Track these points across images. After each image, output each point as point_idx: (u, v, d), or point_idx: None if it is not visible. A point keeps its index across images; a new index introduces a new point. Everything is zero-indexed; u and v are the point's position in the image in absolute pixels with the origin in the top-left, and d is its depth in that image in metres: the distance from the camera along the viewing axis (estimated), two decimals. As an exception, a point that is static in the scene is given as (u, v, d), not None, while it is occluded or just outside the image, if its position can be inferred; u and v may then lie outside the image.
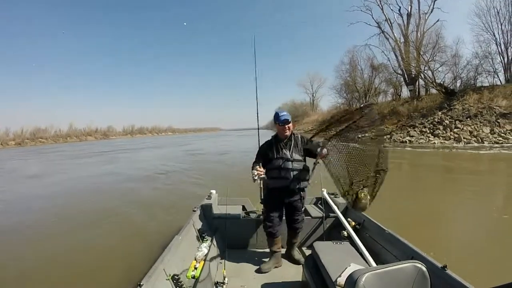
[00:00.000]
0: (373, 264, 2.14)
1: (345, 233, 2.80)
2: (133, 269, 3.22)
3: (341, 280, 1.73)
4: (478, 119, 19.20)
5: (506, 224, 4.88)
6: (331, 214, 3.24)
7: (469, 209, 5.93)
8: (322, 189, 3.56)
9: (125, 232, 4.87)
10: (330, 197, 3.48)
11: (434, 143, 18.88)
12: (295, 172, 2.60)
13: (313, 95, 63.85)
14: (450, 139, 18.84)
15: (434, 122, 21.37)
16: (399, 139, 21.73)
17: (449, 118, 20.73)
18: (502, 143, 16.36)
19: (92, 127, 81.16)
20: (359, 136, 2.17)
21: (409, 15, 30.23)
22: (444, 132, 19.89)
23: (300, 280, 2.40)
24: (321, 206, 3.45)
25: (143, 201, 7.32)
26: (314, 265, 2.11)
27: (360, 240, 2.50)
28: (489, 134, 17.61)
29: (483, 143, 16.93)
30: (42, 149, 39.38)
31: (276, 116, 2.62)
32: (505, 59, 23.95)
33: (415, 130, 22.02)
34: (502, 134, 17.14)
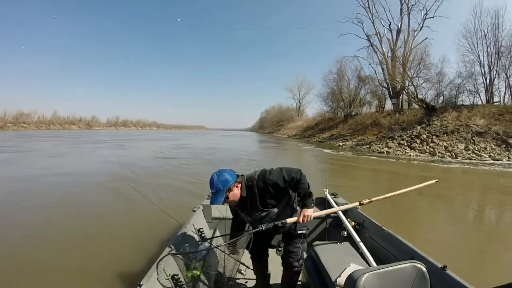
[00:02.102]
0: (373, 264, 2.10)
1: (345, 233, 2.80)
2: (133, 269, 3.17)
3: (341, 280, 1.73)
4: (455, 135, 19.36)
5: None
6: (332, 214, 3.20)
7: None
8: (325, 189, 3.56)
9: (125, 231, 4.73)
10: (330, 197, 3.46)
11: (410, 155, 18.84)
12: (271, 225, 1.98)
13: (299, 101, 64.30)
14: (425, 152, 18.86)
15: (412, 136, 21.48)
16: (377, 150, 21.73)
17: (427, 133, 20.90)
18: (475, 159, 16.44)
19: (76, 115, 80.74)
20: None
21: (398, 31, 30.72)
22: (420, 145, 19.93)
23: (300, 280, 2.32)
24: (321, 206, 3.38)
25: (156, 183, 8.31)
26: (314, 265, 2.12)
27: (360, 240, 2.46)
28: (463, 151, 17.69)
29: (457, 158, 16.96)
30: (33, 134, 38.38)
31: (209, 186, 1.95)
32: (487, 80, 24.50)
33: (393, 142, 22.08)
34: (476, 151, 17.22)
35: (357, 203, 2.30)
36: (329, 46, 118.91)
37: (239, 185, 1.94)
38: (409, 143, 20.91)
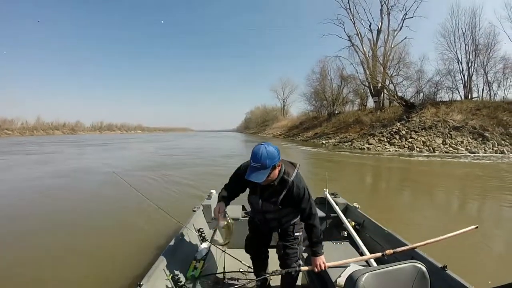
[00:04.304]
0: (373, 264, 2.08)
1: (345, 233, 2.81)
2: (133, 269, 3.13)
3: (341, 281, 1.73)
4: (432, 130, 19.55)
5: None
6: (332, 214, 3.23)
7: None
8: (325, 189, 3.53)
9: (125, 231, 4.74)
10: (331, 197, 3.45)
11: (389, 150, 18.86)
12: (272, 221, 1.96)
13: (284, 101, 64.47)
14: (404, 147, 18.92)
15: (392, 132, 21.61)
16: (358, 146, 21.77)
17: (406, 129, 21.06)
18: (452, 153, 16.54)
19: (60, 121, 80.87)
20: None
21: (379, 31, 30.96)
22: (400, 141, 20.02)
23: (300, 280, 2.33)
24: (321, 206, 3.37)
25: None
26: None
27: (360, 240, 2.46)
28: (441, 145, 17.81)
29: (435, 152, 17.05)
30: (25, 141, 37.80)
31: (250, 157, 1.69)
32: (465, 77, 24.94)
33: (374, 139, 22.14)
34: (453, 145, 17.36)
35: (380, 254, 2.07)
36: (319, 46, 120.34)
37: (280, 168, 1.75)
38: (388, 139, 20.99)
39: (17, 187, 8.18)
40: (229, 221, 2.05)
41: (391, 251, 2.04)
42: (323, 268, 1.86)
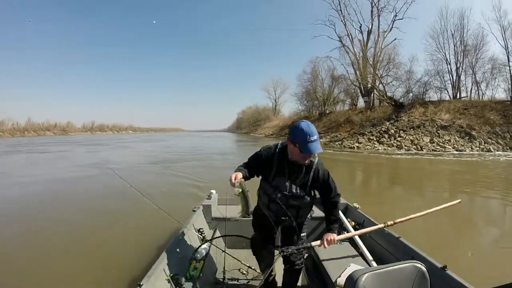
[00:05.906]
0: (373, 264, 2.09)
1: (345, 233, 2.73)
2: (133, 269, 3.12)
3: (341, 281, 1.74)
4: (420, 129, 19.69)
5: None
6: None
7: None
8: None
9: (125, 231, 4.70)
10: None
11: (378, 149, 18.91)
12: (291, 210, 1.90)
13: (275, 101, 64.30)
14: (393, 146, 18.99)
15: (381, 131, 21.71)
16: (348, 145, 21.79)
17: (395, 128, 21.19)
18: (439, 151, 16.66)
19: (51, 122, 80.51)
20: None
21: (369, 33, 31.16)
22: (388, 140, 20.12)
23: (300, 280, 2.32)
24: (320, 206, 3.29)
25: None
26: (314, 266, 2.15)
27: (360, 240, 2.46)
28: (429, 143, 17.92)
29: (422, 150, 17.15)
30: (24, 142, 37.00)
31: (300, 135, 1.67)
32: (454, 77, 25.26)
33: (363, 138, 22.22)
34: (440, 144, 17.49)
35: (383, 225, 2.17)
36: (311, 45, 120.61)
37: None
38: (378, 138, 21.08)
39: (23, 189, 7.86)
40: (243, 186, 1.88)
41: (392, 222, 2.09)
42: (332, 242, 1.86)
